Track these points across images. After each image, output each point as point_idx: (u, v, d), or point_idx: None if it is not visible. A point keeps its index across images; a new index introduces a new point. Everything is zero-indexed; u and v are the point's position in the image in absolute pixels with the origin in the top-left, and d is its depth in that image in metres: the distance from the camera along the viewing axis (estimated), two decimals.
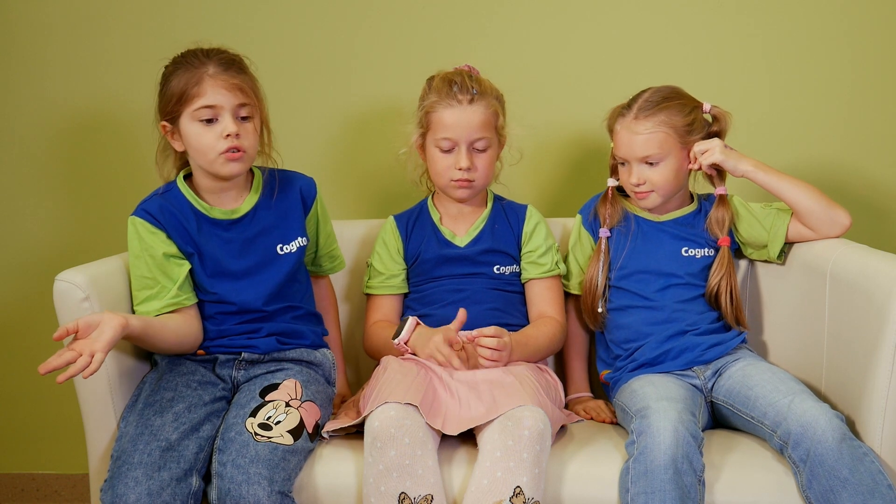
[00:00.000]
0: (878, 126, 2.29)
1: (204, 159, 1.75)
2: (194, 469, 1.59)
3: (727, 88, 2.25)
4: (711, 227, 1.94)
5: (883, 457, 1.59)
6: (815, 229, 1.86)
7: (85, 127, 2.39)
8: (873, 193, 2.30)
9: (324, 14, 2.32)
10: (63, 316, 1.71)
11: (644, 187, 1.90)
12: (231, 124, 1.72)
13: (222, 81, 1.72)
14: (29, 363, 2.42)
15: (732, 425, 1.80)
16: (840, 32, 2.25)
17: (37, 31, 2.36)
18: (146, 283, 1.76)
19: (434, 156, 1.92)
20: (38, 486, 2.51)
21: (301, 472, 1.65)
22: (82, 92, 2.38)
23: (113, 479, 1.54)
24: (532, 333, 1.88)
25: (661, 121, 1.87)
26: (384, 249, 2.00)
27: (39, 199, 2.42)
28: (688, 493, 1.54)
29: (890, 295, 1.57)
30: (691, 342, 1.86)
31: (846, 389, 1.70)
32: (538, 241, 1.97)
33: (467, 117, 1.89)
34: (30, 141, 2.40)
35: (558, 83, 2.31)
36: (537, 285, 1.97)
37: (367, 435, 1.60)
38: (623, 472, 1.60)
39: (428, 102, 1.91)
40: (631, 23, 2.29)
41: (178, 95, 1.72)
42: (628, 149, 1.89)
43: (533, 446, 1.56)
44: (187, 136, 1.75)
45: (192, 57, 1.74)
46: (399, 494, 1.54)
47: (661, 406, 1.63)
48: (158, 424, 1.61)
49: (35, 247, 2.43)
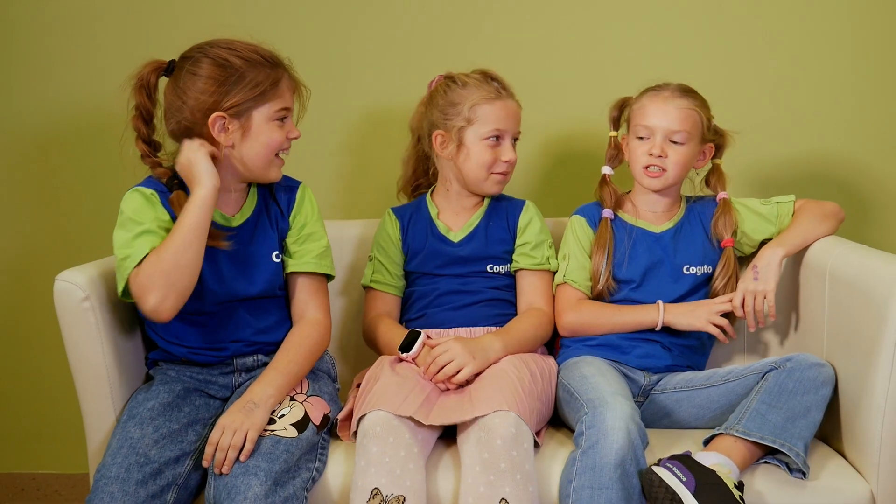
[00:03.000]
0: (880, 123, 2.30)
1: (260, 160, 1.74)
2: (174, 484, 1.57)
3: (729, 88, 2.26)
4: (717, 230, 1.95)
5: (883, 455, 1.59)
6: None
7: (83, 129, 2.38)
8: (875, 190, 2.32)
9: (325, 24, 2.34)
10: (63, 315, 1.70)
11: (661, 162, 1.89)
12: (294, 127, 1.78)
13: (290, 86, 1.77)
14: (29, 364, 2.48)
15: None
16: (841, 32, 2.27)
17: (33, 34, 2.36)
18: (139, 225, 1.67)
19: (478, 149, 1.92)
20: (38, 485, 2.50)
21: (317, 466, 1.65)
22: (79, 95, 2.37)
23: (93, 492, 1.53)
24: (517, 326, 1.88)
25: (697, 104, 1.90)
26: (386, 239, 2.00)
27: (38, 200, 2.42)
28: (632, 494, 1.54)
29: (889, 295, 1.56)
30: (659, 353, 1.88)
31: (846, 388, 1.69)
32: (531, 234, 1.97)
33: (514, 111, 1.95)
34: (28, 143, 2.40)
35: (553, 86, 2.31)
36: (527, 276, 1.95)
37: (359, 433, 1.62)
38: (569, 463, 1.60)
39: (474, 97, 1.92)
40: (628, 26, 2.31)
41: (259, 90, 1.71)
42: (662, 118, 1.89)
43: (508, 453, 1.55)
44: (257, 132, 1.72)
45: (271, 59, 1.74)
46: (372, 490, 1.54)
47: (617, 402, 1.61)
48: (138, 437, 1.59)
49: (34, 248, 2.43)
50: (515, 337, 1.83)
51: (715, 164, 1.99)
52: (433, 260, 1.96)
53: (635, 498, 1.54)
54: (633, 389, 1.82)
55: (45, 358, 2.42)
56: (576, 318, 1.90)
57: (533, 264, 1.95)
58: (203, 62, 1.71)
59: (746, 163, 2.27)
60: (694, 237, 1.95)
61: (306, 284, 1.82)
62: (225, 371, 1.77)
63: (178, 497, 1.58)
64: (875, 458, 1.59)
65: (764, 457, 1.64)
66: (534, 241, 1.96)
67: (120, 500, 1.50)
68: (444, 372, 1.73)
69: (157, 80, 1.76)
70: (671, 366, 1.89)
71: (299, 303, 1.83)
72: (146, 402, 1.66)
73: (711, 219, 1.96)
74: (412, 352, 1.81)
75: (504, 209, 2.00)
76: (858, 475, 1.63)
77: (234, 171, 1.76)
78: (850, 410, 1.67)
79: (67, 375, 1.77)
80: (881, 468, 1.59)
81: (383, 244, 2.00)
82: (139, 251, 1.63)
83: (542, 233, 1.98)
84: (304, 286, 1.82)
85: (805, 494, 1.59)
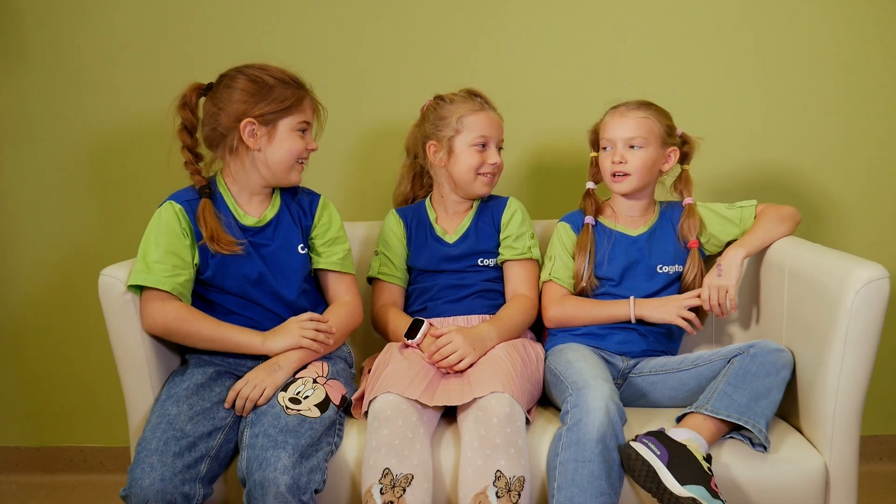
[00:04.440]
0: (825, 136, 2.31)
1: (283, 164, 1.80)
2: (206, 456, 1.60)
3: (688, 104, 2.26)
4: (683, 232, 1.96)
5: (836, 429, 1.61)
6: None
7: (125, 141, 2.40)
8: (822, 194, 2.33)
9: (336, 51, 2.36)
10: (107, 306, 1.72)
11: (623, 167, 1.91)
12: (313, 140, 1.85)
13: (312, 104, 1.85)
14: (77, 348, 2.48)
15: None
16: (792, 59, 2.29)
17: (79, 59, 2.38)
18: (158, 247, 1.75)
19: (466, 154, 1.96)
20: (84, 457, 2.53)
21: (336, 440, 1.67)
22: (126, 112, 2.39)
23: (134, 463, 1.55)
24: (507, 314, 1.90)
25: (650, 114, 1.92)
26: (391, 236, 2.03)
27: (89, 203, 2.44)
28: (612, 467, 1.56)
29: (841, 289, 1.58)
30: (635, 339, 1.91)
31: (803, 371, 1.71)
32: (513, 227, 1.99)
33: (496, 120, 1.99)
34: (78, 154, 2.42)
35: (540, 103, 2.34)
36: (512, 266, 1.98)
37: (370, 415, 1.64)
38: (556, 438, 1.61)
39: (461, 110, 1.96)
40: (605, 49, 2.33)
41: (286, 104, 1.79)
42: (617, 130, 1.92)
43: (503, 430, 1.58)
44: (281, 139, 1.79)
45: (296, 80, 1.83)
46: (383, 469, 1.57)
47: (597, 384, 1.63)
48: (174, 414, 1.62)
49: (84, 244, 2.44)
50: (507, 325, 1.86)
51: (684, 169, 2.00)
52: (433, 259, 1.99)
53: (615, 469, 1.56)
54: (612, 373, 1.84)
55: (91, 344, 2.44)
56: (559, 311, 1.93)
57: (515, 255, 1.97)
58: (239, 78, 1.79)
59: (711, 171, 2.29)
60: (666, 240, 1.97)
61: (335, 277, 1.90)
62: (254, 356, 1.79)
63: (211, 468, 1.60)
64: (828, 434, 1.62)
65: (730, 432, 1.66)
66: (515, 234, 1.98)
67: (159, 470, 1.52)
68: (448, 361, 1.75)
69: (197, 99, 1.83)
70: (646, 350, 1.91)
71: (331, 291, 1.91)
72: (182, 384, 1.69)
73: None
74: (416, 339, 1.82)
75: (490, 208, 2.03)
76: (813, 448, 1.65)
77: (259, 175, 1.81)
78: (806, 391, 1.69)
79: (111, 360, 1.80)
80: (833, 442, 1.61)
81: (388, 240, 2.03)
82: (154, 277, 1.72)
83: (524, 225, 2.00)
84: (333, 279, 1.90)
85: (766, 466, 1.61)
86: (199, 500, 1.57)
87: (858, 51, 2.28)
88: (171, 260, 1.74)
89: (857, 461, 1.62)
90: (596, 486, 1.53)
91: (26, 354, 2.49)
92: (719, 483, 1.59)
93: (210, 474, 1.60)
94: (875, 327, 1.57)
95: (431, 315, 1.95)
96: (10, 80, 2.38)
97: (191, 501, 1.55)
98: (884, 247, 2.32)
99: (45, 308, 2.47)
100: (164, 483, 1.52)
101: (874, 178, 2.32)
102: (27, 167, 2.42)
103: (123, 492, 1.55)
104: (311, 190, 1.94)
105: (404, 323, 1.89)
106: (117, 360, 1.75)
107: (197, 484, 1.57)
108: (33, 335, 2.48)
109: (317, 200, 1.91)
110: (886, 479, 2.34)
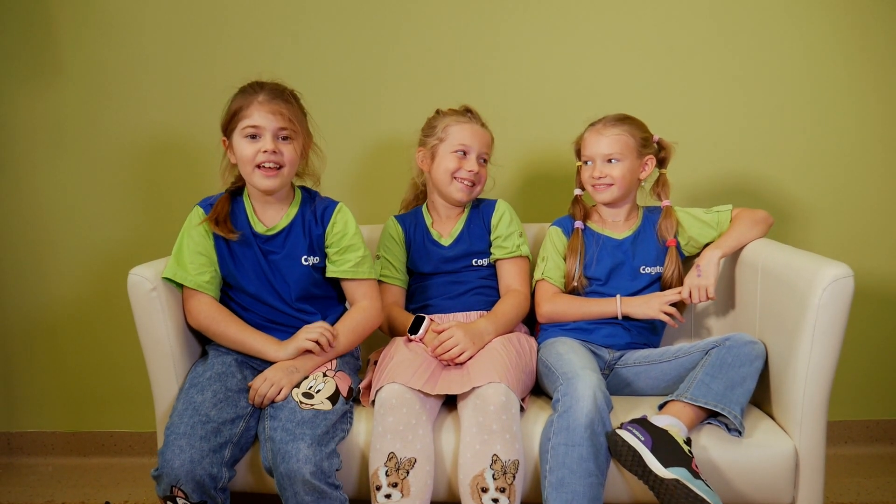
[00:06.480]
0: (791, 147, 2.31)
1: (245, 172, 1.76)
2: (230, 442, 1.59)
3: (669, 116, 2.28)
4: (661, 233, 1.96)
5: (805, 415, 1.61)
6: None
7: (152, 150, 2.40)
8: (790, 199, 2.33)
9: (345, 70, 2.35)
10: (135, 303, 1.72)
11: (605, 180, 1.91)
12: (269, 142, 1.72)
13: (268, 107, 1.72)
14: (108, 341, 2.47)
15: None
16: (767, 73, 2.29)
17: (111, 74, 2.38)
18: (186, 249, 1.76)
19: (446, 159, 1.95)
20: (114, 441, 2.53)
21: (346, 427, 1.67)
22: (148, 122, 2.39)
23: (165, 446, 1.55)
24: (502, 310, 1.89)
25: (625, 129, 1.91)
26: (391, 241, 2.02)
27: (117, 208, 2.43)
28: (599, 450, 1.56)
29: (809, 286, 1.58)
30: (620, 333, 1.90)
31: (774, 362, 1.71)
32: (502, 228, 1.98)
33: (480, 134, 1.96)
34: (109, 162, 2.41)
35: (535, 116, 2.34)
36: (504, 264, 1.97)
37: (377, 403, 1.64)
38: (548, 424, 1.62)
39: (448, 120, 1.95)
40: (594, 68, 2.33)
41: (232, 114, 1.75)
42: (595, 148, 1.92)
43: (499, 417, 1.58)
44: (235, 149, 1.75)
45: (250, 86, 1.76)
46: (388, 453, 1.58)
47: (586, 374, 1.64)
48: (199, 401, 1.61)
49: (114, 246, 2.44)
50: (502, 320, 1.86)
51: (661, 173, 1.99)
52: (431, 261, 1.99)
53: (602, 452, 1.57)
54: (599, 364, 1.85)
55: (121, 338, 2.45)
56: (551, 308, 1.93)
57: (506, 253, 1.96)
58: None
59: (690, 178, 2.29)
60: (649, 243, 1.97)
61: (349, 283, 1.84)
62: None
63: (233, 453, 1.60)
64: (798, 419, 1.62)
65: (707, 419, 1.66)
66: (504, 234, 1.97)
67: (187, 452, 1.52)
68: (450, 354, 1.75)
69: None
70: (631, 343, 1.91)
71: (349, 296, 1.86)
72: (204, 373, 1.69)
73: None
74: (419, 333, 1.83)
75: (481, 211, 2.02)
76: (784, 433, 1.65)
77: (249, 184, 1.80)
78: (777, 380, 1.69)
79: (139, 352, 1.80)
80: (803, 427, 1.62)
81: (389, 245, 2.02)
82: (183, 273, 1.74)
83: (512, 224, 1.99)
84: (348, 285, 1.85)
85: (741, 449, 1.61)
86: (224, 481, 1.56)
87: (827, 68, 2.28)
88: (198, 259, 1.76)
89: (824, 445, 1.62)
90: (584, 468, 1.54)
91: (62, 347, 2.50)
92: (699, 465, 1.59)
93: (233, 458, 1.60)
94: (840, 321, 1.57)
95: (433, 311, 1.94)
96: (47, 94, 2.39)
97: (217, 482, 1.55)
98: (849, 248, 2.32)
99: (79, 304, 2.47)
100: (193, 464, 1.52)
101: (840, 185, 2.32)
102: (63, 175, 2.42)
103: (155, 472, 1.54)
104: (329, 198, 1.88)
105: (407, 320, 1.89)
106: (145, 351, 1.75)
107: (223, 467, 1.56)
108: (68, 329, 2.49)
109: (332, 208, 1.84)
110: (851, 461, 2.34)
